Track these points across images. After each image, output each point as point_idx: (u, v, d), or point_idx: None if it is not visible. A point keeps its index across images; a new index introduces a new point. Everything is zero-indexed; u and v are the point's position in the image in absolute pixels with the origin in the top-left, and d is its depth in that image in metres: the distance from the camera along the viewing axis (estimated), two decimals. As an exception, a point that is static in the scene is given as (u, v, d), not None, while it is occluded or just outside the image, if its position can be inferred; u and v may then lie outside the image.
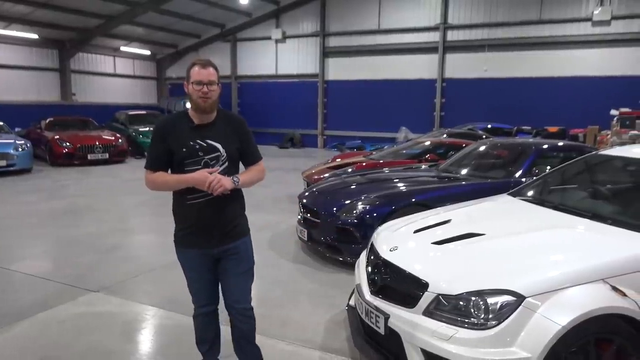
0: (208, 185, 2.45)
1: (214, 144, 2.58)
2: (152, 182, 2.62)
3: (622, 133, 10.15)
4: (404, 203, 5.06)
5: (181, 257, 2.76)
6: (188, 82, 2.56)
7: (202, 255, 2.68)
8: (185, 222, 2.66)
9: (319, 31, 19.20)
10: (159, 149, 2.59)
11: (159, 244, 6.18)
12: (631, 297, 2.41)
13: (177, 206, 2.69)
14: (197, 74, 2.53)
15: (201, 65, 2.56)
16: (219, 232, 2.64)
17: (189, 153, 2.54)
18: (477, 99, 16.63)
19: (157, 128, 2.64)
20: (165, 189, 2.65)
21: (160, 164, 2.60)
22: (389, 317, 2.76)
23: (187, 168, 2.54)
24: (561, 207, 3.37)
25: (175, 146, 2.54)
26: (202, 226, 2.62)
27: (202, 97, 2.52)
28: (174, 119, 2.67)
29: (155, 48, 22.32)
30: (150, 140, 2.67)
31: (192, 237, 2.65)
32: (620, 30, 14.80)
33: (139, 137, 15.34)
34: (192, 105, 2.58)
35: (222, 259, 2.71)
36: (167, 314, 4.02)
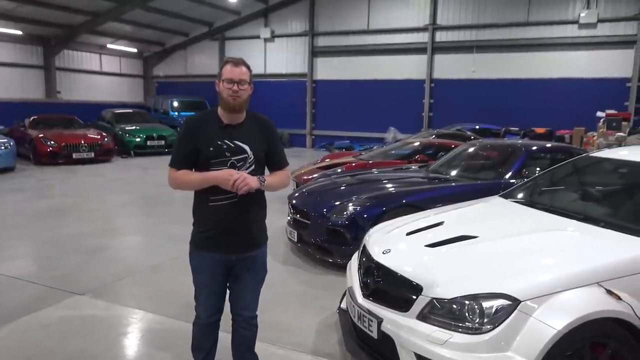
0: (233, 183, 2.37)
1: (241, 145, 2.52)
2: (174, 180, 2.53)
3: (609, 135, 10.26)
4: (394, 204, 5.03)
5: (196, 261, 2.65)
6: (219, 80, 2.50)
7: (219, 261, 2.58)
8: (206, 224, 2.57)
9: (307, 31, 19.15)
10: (185, 147, 2.51)
11: (146, 245, 6.09)
12: (625, 301, 2.39)
13: (198, 207, 2.61)
14: (229, 71, 2.47)
15: (233, 63, 2.50)
16: (241, 237, 2.57)
17: (215, 153, 2.47)
18: (465, 99, 16.71)
19: (186, 125, 2.56)
20: (188, 188, 2.56)
21: (186, 163, 2.52)
22: (382, 321, 2.72)
23: (212, 168, 2.47)
24: (553, 209, 3.36)
25: (202, 144, 2.47)
26: (224, 230, 2.54)
27: (232, 96, 2.46)
28: (203, 117, 2.59)
29: (142, 46, 22.09)
30: (177, 137, 2.60)
31: (212, 241, 2.55)
32: (607, 33, 14.98)
33: (126, 136, 15.17)
34: (222, 103, 2.51)
35: (238, 265, 2.62)
36: (155, 317, 3.94)
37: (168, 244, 5.91)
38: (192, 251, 2.65)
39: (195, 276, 2.67)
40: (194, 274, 2.67)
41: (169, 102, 18.74)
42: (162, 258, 5.37)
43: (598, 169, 3.85)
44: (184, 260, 5.26)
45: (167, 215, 7.54)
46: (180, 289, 4.49)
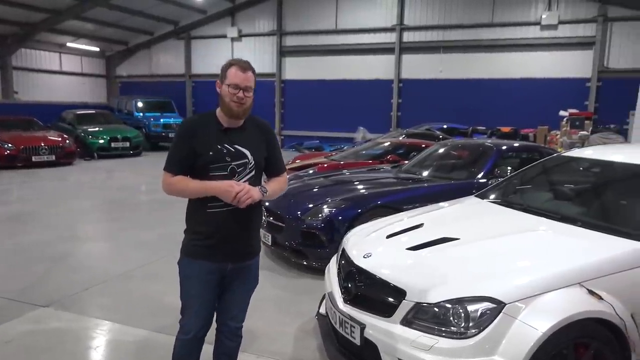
0: (234, 197, 2.25)
1: (242, 149, 2.40)
2: (170, 187, 2.38)
3: (572, 133, 10.54)
4: (370, 205, 4.99)
5: (188, 269, 2.47)
6: (222, 82, 2.36)
7: (215, 270, 2.43)
8: (203, 231, 2.41)
9: (275, 30, 19.00)
10: (183, 150, 2.35)
11: (112, 252, 5.86)
12: (607, 300, 2.41)
13: (194, 213, 2.44)
14: (235, 76, 2.34)
15: (241, 67, 2.35)
16: (238, 246, 2.45)
17: (215, 157, 2.34)
18: (433, 99, 16.92)
19: (184, 127, 2.42)
20: (184, 196, 2.42)
21: (182, 167, 2.37)
22: (364, 327, 2.66)
23: (211, 173, 2.34)
24: (530, 209, 3.38)
25: (202, 148, 2.33)
26: (222, 238, 2.40)
27: (236, 102, 2.34)
28: (202, 119, 2.45)
29: (104, 45, 21.47)
30: (173, 139, 2.44)
31: (208, 249, 2.40)
32: (567, 34, 15.44)
33: (88, 137, 14.70)
34: (223, 108, 2.37)
35: (231, 275, 2.49)
36: (125, 328, 3.76)
37: (136, 250, 5.71)
38: (184, 259, 2.48)
39: (186, 286, 2.49)
40: (185, 284, 2.49)
41: (133, 102, 18.24)
42: (130, 265, 5.17)
43: (572, 168, 3.90)
44: (153, 267, 5.17)
45: (133, 220, 7.29)
46: (150, 298, 4.33)
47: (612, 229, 2.83)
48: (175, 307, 4.09)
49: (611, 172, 3.59)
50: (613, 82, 14.86)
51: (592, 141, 9.63)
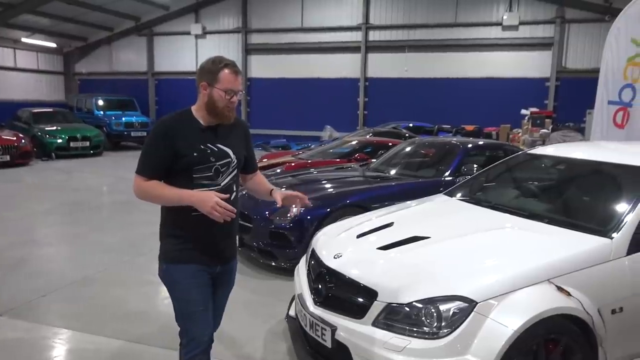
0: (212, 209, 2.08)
1: (224, 148, 2.29)
2: (143, 192, 2.21)
3: (534, 131, 10.81)
4: (339, 204, 4.94)
5: (179, 274, 2.28)
6: (211, 84, 2.22)
7: (207, 272, 2.33)
8: (188, 236, 2.27)
9: (240, 27, 18.76)
10: (161, 152, 2.18)
11: (71, 256, 5.62)
12: (575, 296, 2.43)
13: (175, 218, 2.28)
14: (230, 80, 2.22)
15: (234, 72, 2.24)
16: (224, 249, 2.38)
17: (199, 158, 2.21)
18: (399, 98, 17.07)
19: (162, 127, 2.23)
20: (158, 203, 2.26)
21: (158, 171, 2.21)
22: (336, 330, 2.61)
23: (195, 175, 2.21)
24: (498, 206, 3.40)
25: (185, 149, 2.18)
26: (209, 242, 2.30)
27: (229, 107, 2.24)
28: (180, 118, 2.28)
29: (62, 41, 20.69)
30: (148, 140, 2.25)
31: (198, 252, 2.28)
32: (527, 35, 15.84)
33: (45, 137, 14.10)
34: (212, 110, 2.24)
35: (216, 278, 2.39)
36: (85, 337, 3.59)
37: (96, 254, 5.49)
38: (170, 268, 2.30)
39: (181, 293, 2.29)
40: (179, 291, 2.29)
41: (93, 100, 17.62)
42: (90, 270, 4.96)
43: (537, 165, 3.97)
44: (113, 271, 4.97)
45: (93, 222, 7.03)
46: (111, 304, 4.16)
47: (577, 225, 2.88)
48: (136, 312, 3.99)
49: (575, 169, 3.67)
50: (571, 81, 15.36)
51: (553, 139, 9.91)
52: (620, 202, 2.96)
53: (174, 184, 2.20)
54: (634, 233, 2.68)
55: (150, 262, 5.17)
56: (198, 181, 2.22)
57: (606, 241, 2.65)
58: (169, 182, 2.22)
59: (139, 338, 3.55)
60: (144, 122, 17.36)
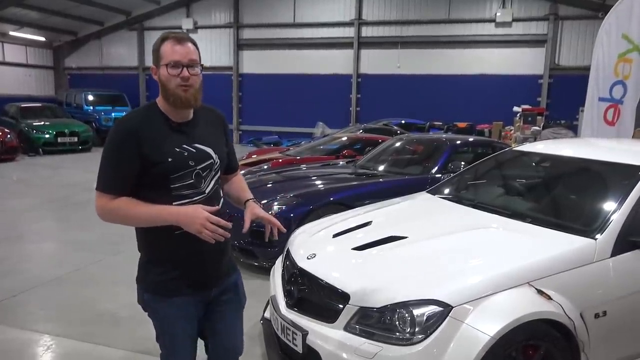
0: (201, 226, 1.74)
1: (204, 148, 1.91)
2: (110, 213, 1.82)
3: (525, 128, 10.72)
4: (321, 202, 4.82)
5: (163, 310, 1.94)
6: (158, 65, 1.83)
7: (197, 302, 1.97)
8: (170, 263, 1.90)
9: (232, 22, 18.56)
10: (127, 161, 1.79)
11: (49, 254, 5.48)
12: (556, 300, 2.32)
13: (156, 239, 1.90)
14: (172, 51, 1.80)
15: (176, 39, 1.82)
16: (219, 266, 2.00)
17: (176, 164, 1.82)
18: (391, 94, 16.94)
19: (122, 131, 1.82)
20: (130, 224, 1.87)
21: (127, 184, 1.81)
22: (307, 334, 2.49)
23: (173, 185, 1.83)
24: (480, 205, 3.29)
25: (157, 155, 1.80)
26: (199, 263, 1.92)
27: (182, 86, 1.80)
28: (142, 116, 1.87)
29: (51, 35, 20.41)
30: (108, 148, 1.83)
31: (182, 282, 1.91)
32: (520, 32, 15.74)
33: (32, 132, 13.91)
34: (168, 97, 1.83)
35: (216, 299, 2.03)
36: (52, 339, 3.45)
37: (74, 252, 5.35)
38: (153, 299, 1.94)
39: (165, 327, 1.97)
40: (164, 326, 1.97)
41: (82, 95, 17.39)
42: (67, 268, 4.82)
43: (523, 163, 3.85)
44: (90, 270, 4.82)
45: (76, 219, 6.87)
46: (87, 304, 4.03)
47: (561, 225, 2.76)
48: (106, 313, 3.84)
49: (561, 166, 3.55)
50: (563, 78, 15.28)
51: (544, 136, 9.82)
52: (605, 201, 2.85)
53: (148, 199, 1.82)
54: (618, 234, 2.57)
55: (126, 261, 5.01)
56: (178, 191, 1.85)
57: (590, 242, 2.54)
58: (142, 197, 1.83)
59: (107, 341, 3.41)
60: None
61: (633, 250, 2.56)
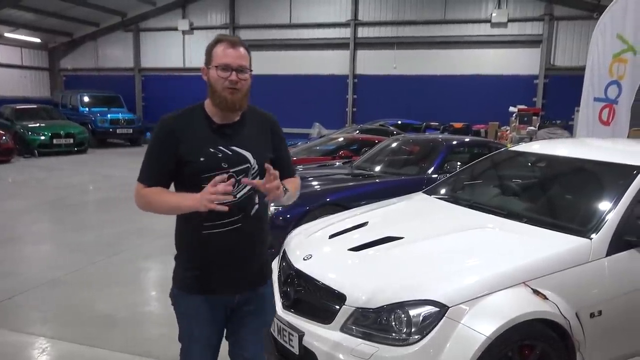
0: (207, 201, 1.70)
1: (241, 151, 1.89)
2: (142, 199, 1.89)
3: (521, 129, 10.75)
4: (318, 203, 4.82)
5: (184, 306, 1.98)
6: (208, 66, 1.88)
7: (219, 305, 1.96)
8: (199, 259, 1.92)
9: (228, 23, 18.54)
10: (163, 157, 1.87)
11: (44, 256, 5.46)
12: (551, 300, 2.33)
13: (186, 236, 1.96)
14: (224, 54, 1.85)
15: (229, 43, 1.88)
16: (245, 272, 1.96)
17: (208, 164, 1.84)
18: (387, 95, 16.95)
19: (163, 127, 1.88)
20: (160, 212, 1.90)
21: (160, 179, 1.88)
22: (303, 335, 2.49)
23: (204, 185, 1.77)
24: (476, 205, 3.29)
25: (190, 153, 1.84)
26: (225, 265, 1.92)
27: (229, 89, 1.83)
28: (186, 115, 1.92)
29: (47, 36, 20.33)
30: (150, 142, 1.93)
31: (208, 281, 1.92)
32: (516, 32, 15.78)
33: (28, 134, 13.82)
34: (214, 98, 1.87)
35: (240, 308, 2.00)
36: (47, 342, 3.43)
37: (69, 254, 5.33)
38: (178, 295, 1.99)
39: (184, 325, 2.01)
40: (184, 323, 2.01)
41: (78, 97, 17.32)
42: (64, 270, 4.80)
43: (518, 163, 3.86)
44: (85, 271, 4.81)
45: (72, 221, 6.85)
46: (83, 306, 4.01)
47: (556, 225, 2.77)
48: (103, 315, 3.83)
49: (557, 166, 3.56)
50: (559, 79, 15.31)
51: (539, 136, 9.84)
52: (600, 201, 2.86)
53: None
54: (614, 233, 2.58)
55: (122, 262, 5.03)
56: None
57: (585, 242, 2.55)
58: (179, 192, 1.91)
59: (104, 343, 3.40)
60: (130, 119, 17.14)
61: (628, 249, 2.58)
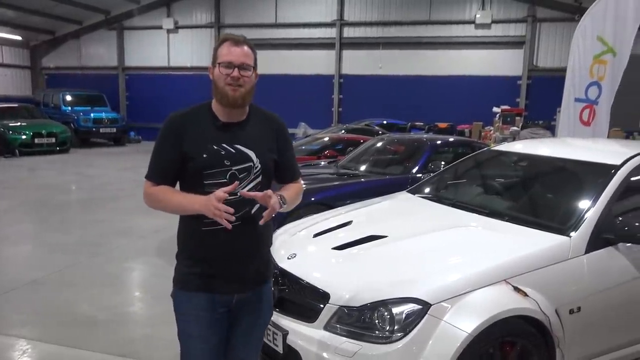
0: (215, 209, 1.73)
1: (245, 150, 1.92)
2: (150, 199, 1.94)
3: (504, 129, 10.88)
4: (303, 202, 4.80)
5: (183, 305, 1.97)
6: (214, 65, 1.93)
7: (217, 305, 1.94)
8: (198, 257, 1.94)
9: (214, 22, 18.43)
10: (168, 153, 1.91)
11: (26, 257, 5.38)
12: (532, 297, 2.36)
13: (187, 234, 1.97)
14: (228, 52, 1.90)
15: (234, 41, 1.92)
16: (246, 272, 1.97)
17: (210, 161, 1.87)
18: (373, 95, 17.00)
19: (169, 124, 1.94)
20: (166, 211, 1.93)
21: (166, 175, 1.92)
22: (287, 334, 2.49)
23: (207, 181, 1.86)
24: (459, 204, 3.33)
25: (193, 150, 1.88)
26: (225, 264, 1.93)
27: (231, 85, 1.89)
28: (192, 112, 1.98)
29: (28, 34, 20.00)
30: (156, 140, 1.96)
31: (207, 279, 1.92)
32: (499, 34, 15.94)
33: (9, 133, 13.61)
34: (217, 96, 1.93)
35: (238, 308, 2.00)
36: (29, 343, 3.39)
37: (53, 254, 5.27)
38: (178, 293, 1.98)
39: (183, 325, 1.99)
40: (182, 323, 1.99)
41: (60, 95, 17.08)
42: (45, 271, 4.74)
43: (501, 162, 3.91)
44: (67, 272, 4.75)
45: (53, 221, 6.76)
46: (65, 307, 3.97)
47: (537, 224, 2.81)
48: (85, 316, 3.79)
49: (538, 166, 3.62)
50: (542, 79, 15.51)
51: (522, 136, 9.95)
52: (580, 200, 2.90)
53: (187, 191, 1.91)
54: (592, 231, 2.62)
55: (104, 263, 4.98)
56: (210, 189, 1.84)
57: (564, 239, 2.59)
58: (183, 189, 1.94)
59: (85, 344, 3.36)
60: (113, 118, 16.97)
61: (606, 247, 2.63)
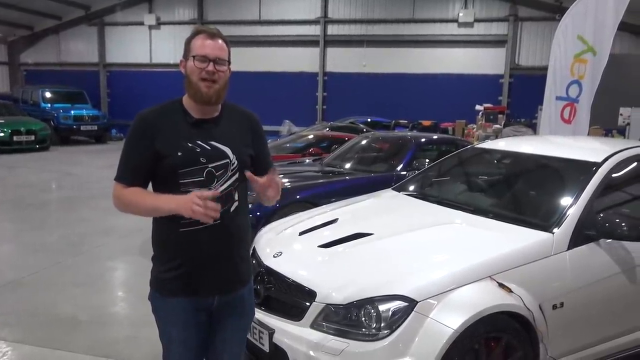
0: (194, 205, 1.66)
1: (220, 147, 1.85)
2: (120, 202, 1.84)
3: (487, 127, 10.99)
4: (288, 200, 4.80)
5: (162, 309, 1.92)
6: (186, 58, 1.85)
7: (197, 307, 1.89)
8: (175, 259, 1.86)
9: (196, 19, 18.25)
10: (139, 153, 1.82)
11: (4, 257, 5.26)
12: (516, 293, 2.39)
13: (163, 235, 1.90)
14: (202, 45, 1.82)
15: (208, 34, 1.84)
16: (224, 273, 1.91)
17: (185, 159, 1.80)
18: (357, 93, 17.03)
19: (139, 122, 1.85)
20: (139, 214, 1.85)
21: (139, 175, 1.84)
22: (273, 332, 2.48)
23: (182, 180, 1.80)
24: (444, 201, 3.35)
25: (167, 148, 1.80)
26: (202, 265, 1.86)
27: (205, 80, 1.80)
28: (163, 109, 1.89)
29: (6, 29, 19.58)
30: (126, 139, 1.89)
31: (185, 282, 1.86)
32: (482, 32, 16.10)
33: (-15, 131, 13.32)
34: (190, 91, 1.84)
35: (219, 311, 1.94)
36: (8, 345, 3.32)
37: (33, 254, 5.16)
38: (156, 297, 1.93)
39: (163, 328, 1.95)
40: (162, 326, 1.95)
41: (39, 92, 16.74)
42: (25, 271, 4.64)
43: (484, 160, 3.94)
44: (47, 272, 4.66)
45: (32, 220, 6.63)
46: (46, 308, 3.89)
47: (521, 220, 2.84)
48: (65, 317, 3.73)
49: (521, 163, 3.66)
50: (523, 78, 15.71)
51: (504, 134, 10.08)
52: (562, 197, 2.94)
53: (160, 192, 1.83)
54: (574, 228, 2.66)
55: (86, 263, 4.90)
56: (186, 187, 1.79)
57: (548, 236, 2.62)
58: (156, 190, 1.86)
59: (67, 345, 3.31)
60: (94, 115, 16.70)
61: (588, 243, 2.67)
